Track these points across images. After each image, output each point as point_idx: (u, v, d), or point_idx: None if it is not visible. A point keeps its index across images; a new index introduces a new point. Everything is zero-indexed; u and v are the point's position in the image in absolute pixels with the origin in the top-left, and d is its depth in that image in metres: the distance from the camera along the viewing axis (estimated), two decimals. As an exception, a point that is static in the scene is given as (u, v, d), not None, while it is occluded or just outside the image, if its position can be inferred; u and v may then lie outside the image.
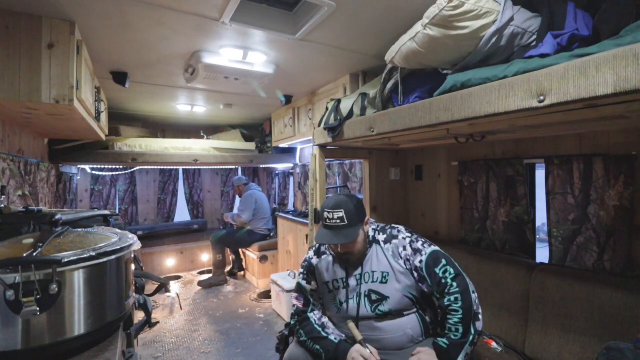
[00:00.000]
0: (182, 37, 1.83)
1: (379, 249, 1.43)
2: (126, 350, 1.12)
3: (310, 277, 1.50)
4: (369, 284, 1.39)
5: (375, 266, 1.40)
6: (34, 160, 2.30)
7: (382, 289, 1.37)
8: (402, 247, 1.39)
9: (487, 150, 2.14)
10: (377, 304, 1.37)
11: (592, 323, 1.41)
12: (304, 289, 1.50)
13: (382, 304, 1.36)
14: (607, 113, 1.04)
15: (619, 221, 1.53)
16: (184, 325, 3.02)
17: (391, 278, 1.37)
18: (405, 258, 1.38)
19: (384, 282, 1.38)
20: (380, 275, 1.39)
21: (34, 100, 1.49)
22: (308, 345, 1.38)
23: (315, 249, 1.57)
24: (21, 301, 0.82)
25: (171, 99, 3.21)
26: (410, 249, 1.38)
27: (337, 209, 1.34)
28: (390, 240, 1.43)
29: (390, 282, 1.37)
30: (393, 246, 1.41)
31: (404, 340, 1.36)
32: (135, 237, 1.19)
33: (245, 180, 4.38)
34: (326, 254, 1.51)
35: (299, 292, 1.52)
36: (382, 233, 1.47)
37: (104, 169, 4.30)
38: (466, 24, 1.12)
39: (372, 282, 1.39)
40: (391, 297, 1.36)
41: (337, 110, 2.00)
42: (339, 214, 1.33)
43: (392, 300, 1.36)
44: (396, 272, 1.37)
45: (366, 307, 1.38)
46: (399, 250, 1.39)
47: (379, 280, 1.38)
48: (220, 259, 4.06)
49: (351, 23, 1.70)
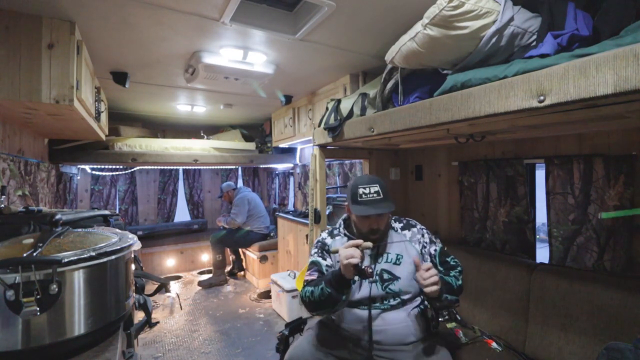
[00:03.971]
0: (182, 37, 1.83)
1: (394, 234, 1.53)
2: (126, 350, 1.12)
3: (325, 254, 1.52)
4: (382, 264, 1.45)
5: (390, 248, 1.48)
6: (34, 160, 2.30)
7: (395, 269, 1.43)
8: (421, 235, 1.52)
9: (487, 150, 2.14)
10: (387, 282, 1.42)
11: (592, 323, 1.41)
12: (319, 263, 1.47)
13: (393, 283, 1.41)
14: (607, 113, 1.04)
15: (619, 221, 1.53)
16: (184, 325, 3.02)
17: (404, 261, 1.44)
18: (422, 244, 1.50)
19: (397, 264, 1.44)
20: (395, 256, 1.46)
21: (34, 100, 1.49)
22: (315, 296, 1.31)
23: (329, 231, 1.62)
24: (21, 301, 0.82)
25: (171, 99, 3.21)
26: (427, 237, 1.52)
27: (372, 183, 1.41)
28: (409, 227, 1.55)
29: (403, 264, 1.44)
30: (411, 232, 1.53)
31: (407, 332, 1.37)
32: (135, 237, 1.19)
33: (233, 185, 4.42)
34: (340, 235, 1.56)
35: (313, 266, 1.47)
36: (398, 222, 1.58)
37: (104, 169, 4.30)
38: (466, 24, 1.12)
39: (385, 262, 1.45)
40: (402, 278, 1.42)
41: (337, 110, 2.00)
42: (375, 187, 1.40)
43: (403, 281, 1.41)
44: (410, 254, 1.45)
45: (377, 285, 1.42)
46: (417, 236, 1.52)
47: (392, 261, 1.45)
48: (220, 259, 4.06)
49: (351, 23, 1.70)
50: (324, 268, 1.46)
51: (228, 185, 4.39)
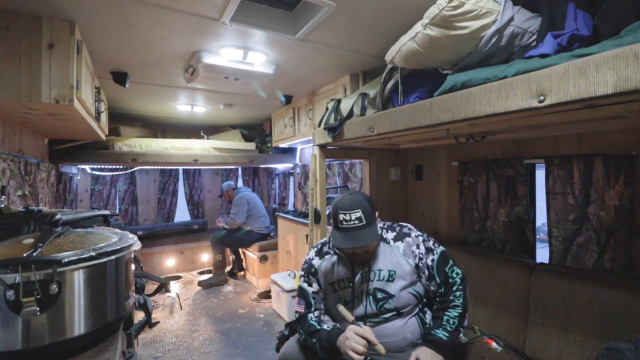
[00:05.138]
0: (182, 37, 1.83)
1: (387, 247, 1.41)
2: (126, 350, 1.12)
3: (311, 279, 1.46)
4: (375, 282, 1.38)
5: (382, 264, 1.39)
6: (34, 160, 2.30)
7: (388, 287, 1.37)
8: (416, 246, 1.39)
9: (487, 150, 2.14)
10: (382, 302, 1.37)
11: (592, 323, 1.41)
12: (305, 292, 1.45)
13: (388, 302, 1.36)
14: (607, 113, 1.04)
15: (619, 221, 1.53)
16: (184, 325, 3.02)
17: (398, 276, 1.37)
18: (418, 256, 1.38)
19: (390, 281, 1.37)
20: (387, 273, 1.38)
21: (34, 100, 1.49)
22: (306, 342, 1.36)
23: (317, 249, 1.52)
24: (21, 301, 0.82)
25: (171, 99, 3.21)
26: (424, 247, 1.39)
27: (353, 209, 1.27)
28: (402, 238, 1.41)
29: (396, 281, 1.37)
30: (405, 244, 1.40)
31: (404, 343, 1.37)
32: (135, 237, 1.19)
33: (233, 185, 4.42)
34: (330, 253, 1.47)
35: (300, 296, 1.47)
36: (391, 231, 1.45)
37: (104, 169, 4.30)
38: (466, 24, 1.12)
39: (377, 280, 1.38)
40: (397, 296, 1.36)
41: (337, 110, 2.00)
42: (356, 214, 1.26)
43: (397, 298, 1.36)
44: (404, 270, 1.37)
45: (371, 305, 1.38)
46: (412, 248, 1.39)
47: (385, 279, 1.37)
48: (220, 259, 4.06)
49: (351, 23, 1.70)
50: (311, 296, 1.42)
51: (228, 184, 4.40)
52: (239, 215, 4.03)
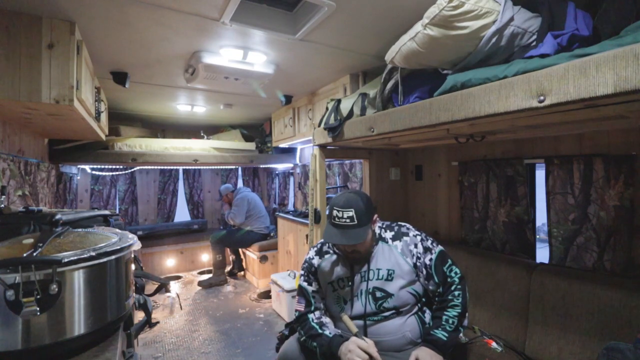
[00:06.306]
0: (182, 37, 1.83)
1: (385, 247, 1.44)
2: (126, 350, 1.12)
3: (310, 278, 1.49)
4: (374, 282, 1.39)
5: (381, 264, 1.41)
6: (34, 160, 2.30)
7: (387, 286, 1.38)
8: (414, 245, 1.41)
9: (487, 150, 2.14)
10: (381, 301, 1.38)
11: (592, 323, 1.41)
12: (305, 291, 1.48)
13: (387, 301, 1.37)
14: (607, 113, 1.04)
15: (619, 221, 1.53)
16: (184, 325, 3.02)
17: (396, 275, 1.38)
18: (416, 255, 1.40)
19: (389, 280, 1.38)
20: (386, 272, 1.39)
21: (34, 100, 1.49)
22: (306, 343, 1.37)
23: (317, 248, 1.55)
24: (21, 301, 0.82)
25: (171, 99, 3.21)
26: (422, 246, 1.41)
27: (347, 208, 1.31)
28: (400, 237, 1.44)
29: (395, 280, 1.38)
30: (403, 243, 1.42)
31: (403, 342, 1.37)
32: (135, 237, 1.19)
33: (231, 187, 4.42)
34: (329, 252, 1.50)
35: (300, 295, 1.50)
36: (389, 230, 1.47)
37: (104, 169, 4.30)
38: (466, 24, 1.12)
39: (377, 279, 1.39)
40: (395, 295, 1.37)
41: (337, 110, 2.00)
42: (348, 213, 1.30)
43: (396, 297, 1.37)
44: (402, 269, 1.38)
45: (370, 305, 1.38)
46: (410, 247, 1.41)
47: (384, 278, 1.39)
48: (220, 259, 4.06)
49: (351, 23, 1.70)
50: (311, 295, 1.45)
51: (226, 188, 4.39)
52: (238, 216, 4.04)
